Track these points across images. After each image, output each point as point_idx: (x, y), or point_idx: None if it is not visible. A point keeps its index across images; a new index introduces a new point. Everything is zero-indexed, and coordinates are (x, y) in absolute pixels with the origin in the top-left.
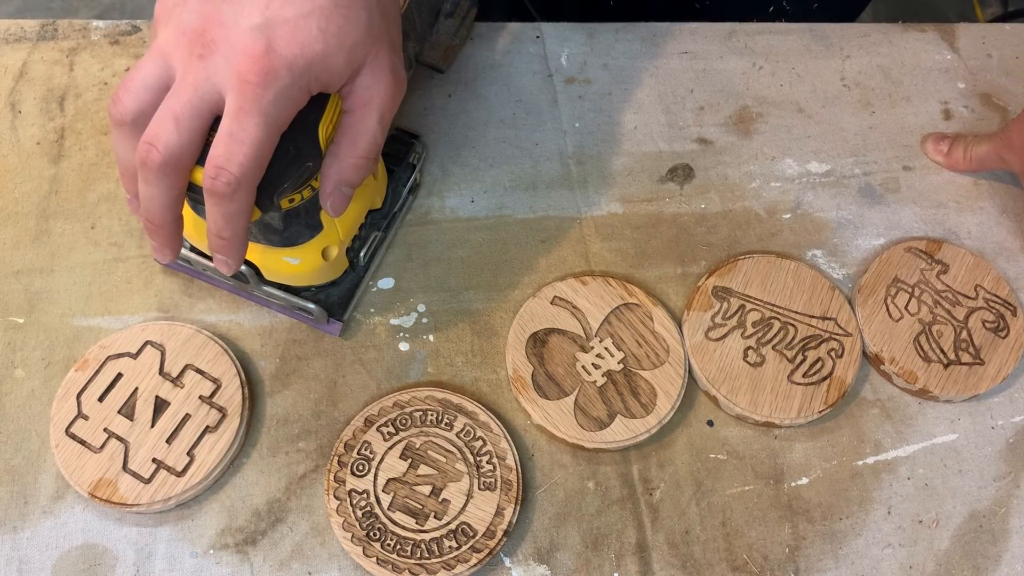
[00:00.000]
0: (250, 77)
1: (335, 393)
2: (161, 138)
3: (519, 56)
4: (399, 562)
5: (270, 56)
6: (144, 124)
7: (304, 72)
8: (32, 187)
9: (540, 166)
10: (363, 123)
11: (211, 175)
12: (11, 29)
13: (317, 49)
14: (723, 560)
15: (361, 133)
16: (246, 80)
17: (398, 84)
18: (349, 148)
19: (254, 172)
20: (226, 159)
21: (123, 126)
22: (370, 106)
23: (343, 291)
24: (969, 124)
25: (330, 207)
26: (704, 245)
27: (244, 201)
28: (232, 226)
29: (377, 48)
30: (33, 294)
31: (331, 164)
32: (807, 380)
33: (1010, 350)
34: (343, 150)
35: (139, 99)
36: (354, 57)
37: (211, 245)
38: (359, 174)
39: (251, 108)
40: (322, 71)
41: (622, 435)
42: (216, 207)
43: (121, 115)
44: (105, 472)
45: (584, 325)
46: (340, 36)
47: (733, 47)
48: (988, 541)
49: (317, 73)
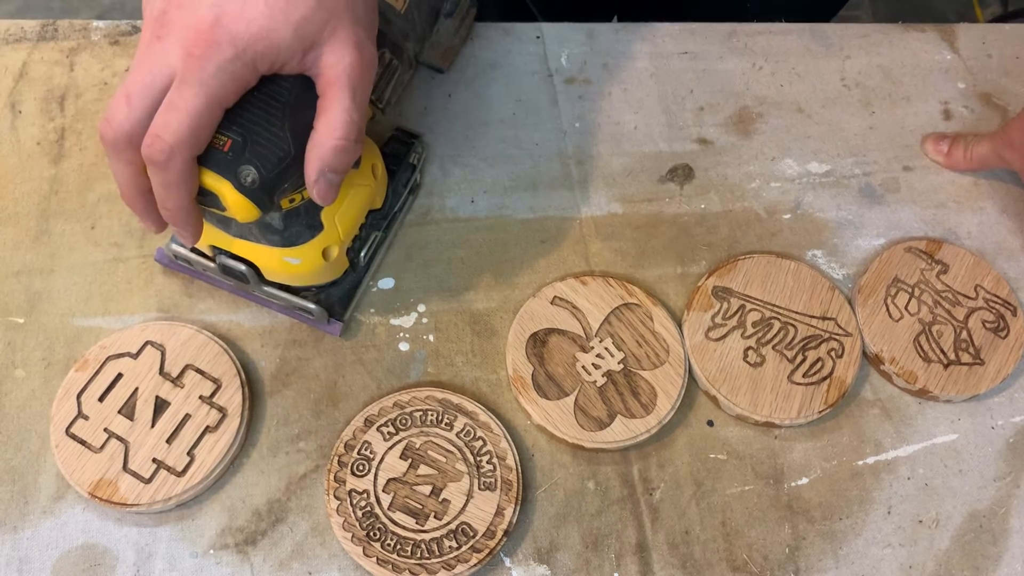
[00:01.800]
0: (194, 50)
1: (335, 393)
2: (115, 117)
3: (519, 56)
4: (399, 562)
5: (215, 30)
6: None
7: (247, 47)
8: (32, 187)
9: (540, 166)
10: (336, 103)
11: (147, 142)
12: (11, 29)
13: (262, 24)
14: (723, 560)
15: (336, 114)
16: (191, 54)
17: (364, 59)
18: (326, 131)
19: (189, 141)
20: (162, 127)
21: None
22: (338, 84)
23: (343, 291)
24: (969, 124)
25: (316, 195)
26: (704, 245)
27: (179, 171)
28: (172, 196)
29: (335, 23)
30: (33, 294)
31: (311, 150)
32: (807, 380)
33: (1010, 350)
34: (320, 134)
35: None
36: (304, 32)
37: (164, 216)
38: (341, 158)
39: (191, 79)
40: (267, 47)
41: (622, 435)
42: (154, 175)
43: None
44: (105, 472)
45: (584, 325)
46: (286, 11)
47: (733, 47)
48: (988, 541)
49: (262, 49)
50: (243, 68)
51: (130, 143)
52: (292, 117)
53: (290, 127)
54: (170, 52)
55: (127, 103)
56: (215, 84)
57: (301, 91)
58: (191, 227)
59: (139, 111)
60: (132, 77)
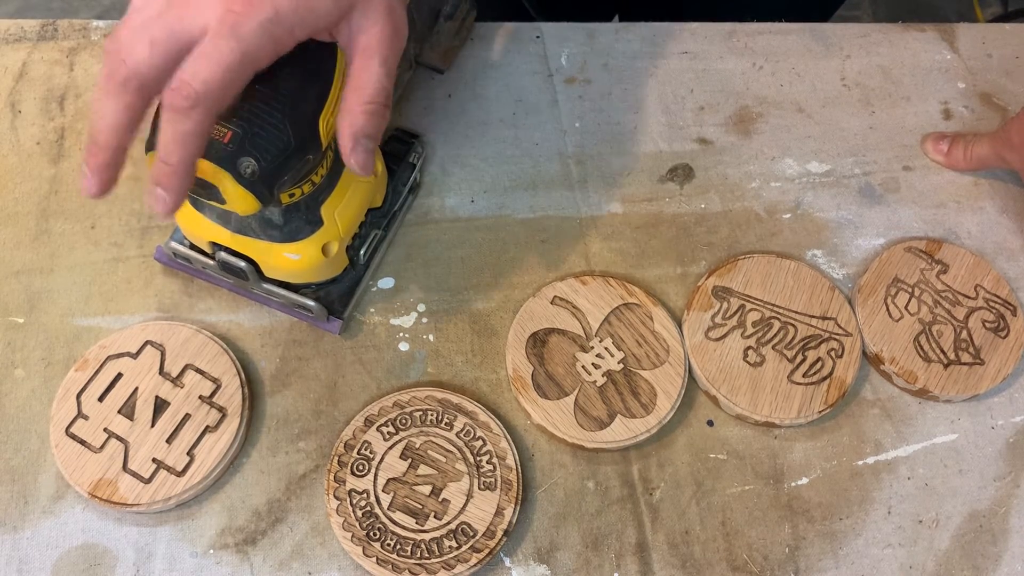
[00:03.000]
0: (234, 6)
1: (335, 393)
2: (133, 55)
3: (519, 56)
4: (399, 562)
5: None
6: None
7: (289, 10)
8: (32, 187)
9: (540, 166)
10: (366, 70)
11: (173, 86)
12: (11, 29)
13: None
14: (723, 560)
15: (366, 80)
16: (230, 9)
17: (396, 26)
18: (356, 97)
19: (217, 93)
20: (191, 74)
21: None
22: (369, 51)
23: (343, 289)
24: (969, 124)
25: (355, 164)
26: (704, 245)
27: (199, 122)
28: (181, 149)
29: None
30: (33, 294)
31: (343, 118)
32: (807, 380)
33: (1010, 350)
34: (350, 101)
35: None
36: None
37: (154, 174)
38: (373, 121)
39: (228, 32)
40: (307, 11)
41: (622, 435)
42: (170, 123)
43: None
44: (105, 472)
45: (584, 325)
46: None
47: (733, 47)
48: (988, 541)
49: (303, 13)
50: (282, 31)
51: (140, 86)
52: (292, 109)
53: (290, 119)
54: (207, 6)
55: (150, 46)
56: (253, 41)
57: (301, 83)
58: (180, 189)
59: (161, 57)
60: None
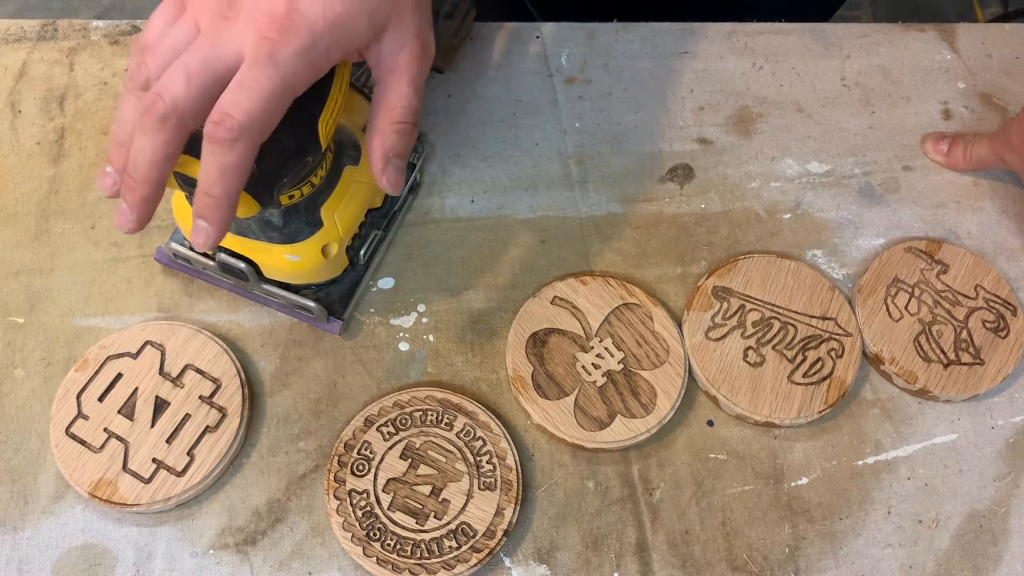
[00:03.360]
0: (269, 34)
1: (335, 393)
2: (170, 90)
3: (519, 56)
4: (399, 562)
5: (291, 15)
6: (187, 123)
7: (325, 34)
8: (32, 187)
9: (540, 166)
10: (395, 90)
11: (214, 119)
12: (11, 29)
13: (338, 10)
14: (723, 560)
15: (395, 100)
16: (265, 36)
17: (425, 47)
18: (386, 116)
19: (259, 124)
20: (233, 105)
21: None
22: (399, 71)
23: (343, 289)
24: (969, 124)
25: (386, 183)
26: (704, 245)
27: (243, 154)
28: (225, 181)
29: (401, 10)
30: (33, 294)
31: (373, 138)
32: (807, 380)
33: (1010, 350)
34: (380, 121)
35: (166, 63)
36: (376, 19)
37: (196, 207)
38: (403, 140)
39: (266, 61)
40: (343, 33)
41: (622, 435)
42: (213, 156)
43: (146, 78)
44: (105, 472)
45: (584, 325)
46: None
47: (733, 47)
48: (988, 541)
49: (338, 36)
50: (318, 56)
51: (179, 123)
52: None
53: (289, 121)
54: (239, 34)
55: (186, 80)
56: (290, 69)
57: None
58: (224, 225)
59: (198, 90)
60: (193, 53)
